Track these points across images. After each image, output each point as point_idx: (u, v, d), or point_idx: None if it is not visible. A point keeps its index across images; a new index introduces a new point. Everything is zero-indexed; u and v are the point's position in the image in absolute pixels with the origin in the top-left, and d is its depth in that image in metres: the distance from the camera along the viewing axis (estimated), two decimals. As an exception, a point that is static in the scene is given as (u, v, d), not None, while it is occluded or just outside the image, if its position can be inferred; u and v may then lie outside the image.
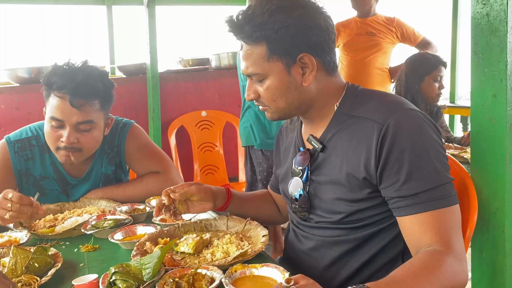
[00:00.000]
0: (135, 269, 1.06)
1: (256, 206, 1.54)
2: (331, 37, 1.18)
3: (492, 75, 1.13)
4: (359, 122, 1.15)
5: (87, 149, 1.65)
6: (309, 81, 1.17)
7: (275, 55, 1.14)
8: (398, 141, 1.07)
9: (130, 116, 3.42)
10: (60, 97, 1.57)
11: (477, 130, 1.21)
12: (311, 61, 1.15)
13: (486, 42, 1.14)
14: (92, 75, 1.61)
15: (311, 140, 1.23)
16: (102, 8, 4.00)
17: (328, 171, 1.19)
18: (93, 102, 1.61)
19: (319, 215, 1.23)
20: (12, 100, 3.11)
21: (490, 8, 1.11)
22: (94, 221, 1.49)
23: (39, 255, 1.18)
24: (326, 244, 1.23)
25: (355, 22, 3.54)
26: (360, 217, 1.17)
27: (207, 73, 3.80)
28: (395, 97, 1.21)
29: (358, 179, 1.13)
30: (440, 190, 1.05)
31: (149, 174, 1.81)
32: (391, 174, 1.08)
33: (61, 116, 1.58)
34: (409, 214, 1.07)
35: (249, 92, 1.22)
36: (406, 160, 1.06)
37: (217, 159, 3.76)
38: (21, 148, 1.70)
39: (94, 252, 1.34)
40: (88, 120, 1.61)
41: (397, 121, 1.09)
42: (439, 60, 2.65)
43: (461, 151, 2.27)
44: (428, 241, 1.03)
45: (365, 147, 1.11)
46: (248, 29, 1.14)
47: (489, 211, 1.21)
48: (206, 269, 1.09)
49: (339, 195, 1.17)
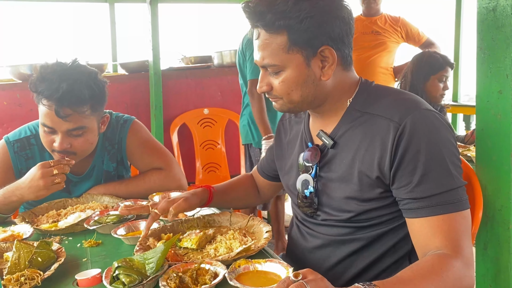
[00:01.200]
0: (138, 263, 1.06)
1: (235, 197, 1.56)
2: (351, 31, 1.14)
3: (498, 71, 1.13)
4: (373, 119, 1.12)
5: (82, 152, 1.64)
6: (328, 76, 1.12)
7: (295, 46, 1.09)
8: (415, 141, 1.05)
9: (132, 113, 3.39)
10: (47, 106, 1.54)
11: (482, 127, 1.20)
12: (332, 55, 1.11)
13: (492, 37, 1.13)
14: (78, 81, 1.55)
15: (321, 135, 1.20)
16: (105, 5, 4.00)
17: (338, 168, 1.16)
18: (81, 109, 1.56)
19: (326, 213, 1.21)
20: (14, 96, 3.11)
21: (496, 3, 1.11)
22: (97, 216, 1.49)
23: (42, 250, 1.18)
24: (333, 244, 1.21)
25: (360, 20, 3.54)
26: (370, 216, 1.15)
27: (209, 70, 3.79)
28: (411, 95, 1.16)
29: (370, 178, 1.11)
30: (453, 194, 1.04)
31: (151, 170, 1.80)
32: (405, 175, 1.06)
33: (51, 124, 1.56)
34: (420, 216, 1.05)
35: (262, 84, 1.17)
36: (421, 162, 1.04)
37: (219, 156, 3.76)
38: (20, 148, 1.70)
39: (97, 247, 1.34)
40: (78, 127, 1.58)
41: (414, 121, 1.06)
42: (446, 61, 2.63)
43: (464, 149, 2.27)
44: (438, 244, 1.02)
45: (380, 145, 1.08)
46: (270, 16, 1.08)
47: (493, 208, 1.20)
48: (209, 264, 1.08)
49: (350, 193, 1.14)
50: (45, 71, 1.56)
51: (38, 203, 1.66)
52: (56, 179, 1.49)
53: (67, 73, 1.56)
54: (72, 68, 1.59)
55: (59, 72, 1.55)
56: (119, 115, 1.84)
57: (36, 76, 1.57)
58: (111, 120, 1.79)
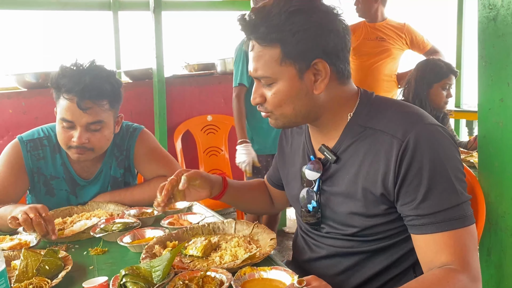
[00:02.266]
0: (145, 271, 1.07)
1: (250, 197, 1.53)
2: (347, 45, 1.13)
3: (499, 79, 1.14)
4: (376, 135, 1.10)
5: (99, 148, 1.69)
6: (320, 90, 1.11)
7: (288, 59, 1.09)
8: (418, 158, 1.04)
9: (136, 121, 3.42)
10: (69, 99, 1.60)
11: (484, 134, 1.21)
12: (325, 68, 1.09)
13: (493, 46, 1.14)
14: (99, 76, 1.63)
15: (323, 150, 1.19)
16: (109, 13, 4.02)
17: (341, 182, 1.16)
18: (101, 103, 1.63)
19: (331, 226, 1.21)
20: (19, 104, 3.14)
21: (496, 12, 1.12)
22: (102, 224, 1.50)
23: (49, 258, 1.19)
24: (338, 254, 1.21)
25: (364, 26, 3.50)
26: (375, 231, 1.15)
27: (212, 77, 3.81)
28: (413, 108, 1.15)
29: (375, 195, 1.10)
30: (457, 210, 1.03)
31: (156, 177, 1.82)
32: (409, 192, 1.05)
33: (71, 117, 1.61)
34: (425, 233, 1.04)
35: (255, 95, 1.17)
36: (425, 178, 1.04)
37: (222, 163, 3.77)
38: (33, 148, 1.74)
39: (103, 255, 1.35)
40: (97, 121, 1.63)
41: (417, 137, 1.05)
42: (450, 69, 2.63)
43: (467, 155, 2.27)
44: (443, 260, 1.02)
45: (384, 162, 1.08)
46: (263, 29, 1.08)
47: (496, 214, 1.21)
48: (215, 271, 1.09)
49: (354, 209, 1.14)
50: (65, 69, 1.64)
51: (47, 202, 1.68)
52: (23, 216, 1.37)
53: (87, 70, 1.64)
54: (92, 66, 1.66)
55: (79, 70, 1.64)
56: (129, 123, 1.89)
57: (57, 74, 1.64)
58: (122, 127, 1.83)
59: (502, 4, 1.10)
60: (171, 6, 4.09)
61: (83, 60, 1.66)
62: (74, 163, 1.77)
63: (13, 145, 1.75)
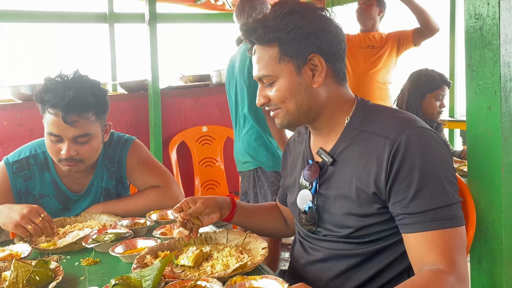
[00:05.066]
0: (135, 281, 1.07)
1: (262, 218, 1.54)
2: (341, 45, 1.21)
3: (486, 87, 1.15)
4: (371, 138, 1.15)
5: (88, 158, 1.68)
6: (319, 83, 1.18)
7: (286, 56, 1.17)
8: (408, 158, 1.08)
9: (131, 132, 3.45)
10: (54, 114, 1.59)
11: (473, 142, 1.22)
12: (321, 63, 1.17)
13: (479, 55, 1.16)
14: (82, 89, 1.62)
15: (321, 153, 1.24)
16: (105, 26, 4.06)
17: (338, 185, 1.19)
18: (87, 115, 1.62)
19: (327, 229, 1.23)
20: (14, 116, 3.15)
21: (483, 22, 1.14)
22: (95, 235, 1.49)
23: (40, 268, 1.19)
24: (334, 257, 1.23)
25: (357, 36, 3.58)
26: (369, 232, 1.17)
27: (207, 89, 3.84)
28: (407, 114, 1.21)
29: (367, 194, 1.13)
30: (447, 210, 1.05)
31: (149, 188, 1.82)
32: (400, 191, 1.08)
33: (58, 131, 1.60)
34: (415, 231, 1.07)
35: (259, 97, 1.25)
36: (415, 178, 1.07)
37: (218, 174, 3.77)
38: (19, 169, 1.72)
39: (95, 266, 1.35)
40: (84, 134, 1.63)
41: (409, 138, 1.09)
42: (443, 80, 2.65)
43: (460, 165, 2.29)
44: (432, 260, 1.03)
45: (376, 162, 1.12)
46: (261, 30, 1.18)
47: (486, 221, 1.21)
48: (206, 281, 1.09)
49: (349, 209, 1.17)
50: (50, 82, 1.63)
51: None
52: (29, 225, 1.50)
53: (71, 82, 1.63)
54: (75, 78, 1.66)
55: (63, 82, 1.63)
56: (120, 134, 1.87)
57: (41, 88, 1.63)
58: (113, 139, 1.82)
59: (488, 14, 1.12)
60: (166, 18, 4.13)
61: (67, 71, 1.65)
62: (64, 177, 1.76)
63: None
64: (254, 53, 1.24)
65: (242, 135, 2.64)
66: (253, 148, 2.57)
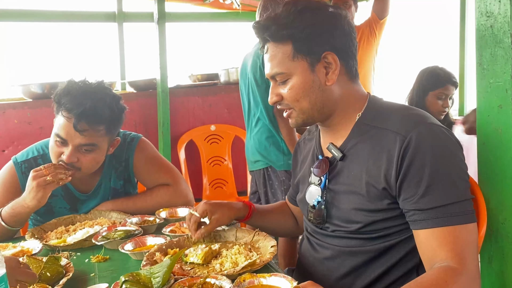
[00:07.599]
0: (145, 278, 1.08)
1: (275, 219, 1.55)
2: (353, 43, 1.21)
3: (497, 86, 1.14)
4: (381, 133, 1.15)
5: (86, 169, 1.66)
6: (333, 80, 1.18)
7: (300, 53, 1.17)
8: (420, 154, 1.07)
9: (140, 131, 3.46)
10: (66, 118, 1.59)
11: (484, 141, 1.21)
12: (335, 60, 1.17)
13: (491, 53, 1.15)
14: (102, 101, 1.61)
15: (331, 148, 1.24)
16: (114, 25, 4.07)
17: (347, 180, 1.19)
18: (97, 128, 1.61)
19: (335, 224, 1.23)
20: (25, 115, 3.17)
21: (494, 20, 1.13)
22: (105, 232, 1.51)
23: (51, 265, 1.20)
24: (342, 254, 1.22)
25: None
26: (378, 227, 1.16)
27: (216, 88, 3.84)
28: (419, 111, 1.20)
29: (377, 189, 1.13)
30: (458, 207, 1.05)
31: (158, 186, 1.82)
32: (410, 187, 1.08)
33: (65, 136, 1.59)
34: (425, 227, 1.06)
35: (272, 95, 1.24)
36: (426, 174, 1.06)
37: (226, 173, 3.78)
38: (28, 168, 1.72)
39: (105, 263, 1.36)
40: (90, 143, 1.62)
41: (420, 134, 1.09)
42: (448, 79, 2.57)
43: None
44: (443, 256, 1.03)
45: (386, 157, 1.11)
46: (275, 28, 1.18)
47: (497, 221, 1.21)
48: (215, 278, 1.10)
49: (358, 205, 1.16)
50: (72, 86, 1.63)
51: (46, 219, 1.69)
52: (48, 177, 1.53)
53: (92, 91, 1.63)
54: (98, 88, 1.65)
55: (84, 89, 1.62)
56: (126, 133, 1.87)
57: (62, 89, 1.63)
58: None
59: (499, 11, 1.11)
60: (175, 18, 4.13)
61: (91, 79, 1.65)
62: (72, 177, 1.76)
63: (8, 168, 1.75)
64: (266, 52, 1.23)
65: (254, 134, 2.64)
66: (264, 147, 2.57)
